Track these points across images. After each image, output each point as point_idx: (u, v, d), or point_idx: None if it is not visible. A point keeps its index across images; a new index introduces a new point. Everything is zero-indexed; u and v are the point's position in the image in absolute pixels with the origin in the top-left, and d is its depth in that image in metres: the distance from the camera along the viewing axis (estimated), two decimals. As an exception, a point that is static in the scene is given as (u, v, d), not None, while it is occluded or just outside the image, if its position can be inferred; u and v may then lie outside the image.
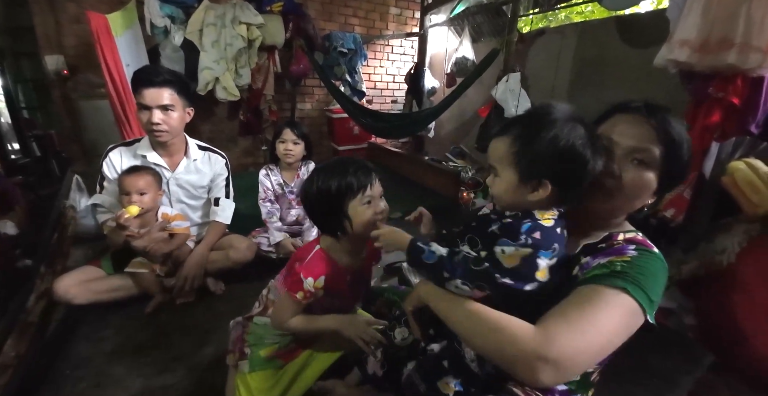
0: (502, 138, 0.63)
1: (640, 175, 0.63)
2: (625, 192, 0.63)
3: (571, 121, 0.59)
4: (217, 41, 2.72)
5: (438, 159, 3.44)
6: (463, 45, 3.14)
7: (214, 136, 3.43)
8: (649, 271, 0.58)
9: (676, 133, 0.62)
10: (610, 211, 0.68)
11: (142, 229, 1.37)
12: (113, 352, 1.24)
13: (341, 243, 0.92)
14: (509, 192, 0.63)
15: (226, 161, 1.64)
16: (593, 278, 0.59)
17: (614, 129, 0.66)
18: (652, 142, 0.62)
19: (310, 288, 0.87)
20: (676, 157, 0.62)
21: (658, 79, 1.85)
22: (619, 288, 0.55)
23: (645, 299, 0.55)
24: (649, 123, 0.63)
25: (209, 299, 1.49)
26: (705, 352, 1.29)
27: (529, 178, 0.60)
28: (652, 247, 0.64)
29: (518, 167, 0.61)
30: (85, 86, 2.83)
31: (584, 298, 0.56)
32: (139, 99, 1.34)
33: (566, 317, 0.55)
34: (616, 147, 0.64)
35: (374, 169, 0.92)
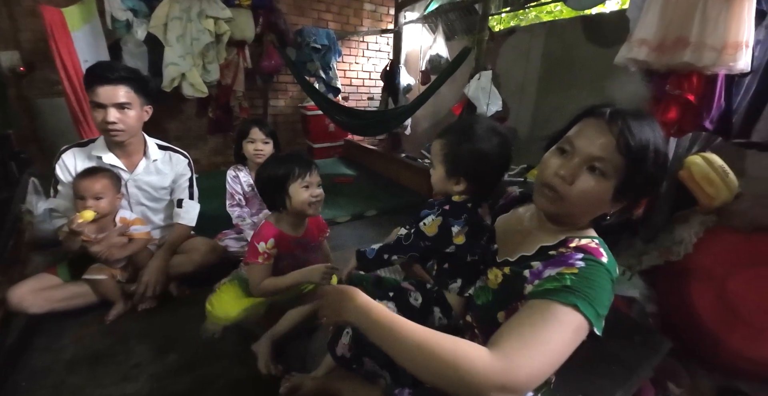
0: (439, 140, 0.82)
1: (592, 184, 0.61)
2: (572, 199, 0.62)
3: (489, 133, 0.78)
4: (182, 36, 2.61)
5: (413, 156, 3.44)
6: (437, 43, 3.15)
7: (182, 134, 3.31)
8: (597, 283, 0.58)
9: (638, 144, 0.58)
10: (563, 218, 0.67)
11: (100, 235, 1.30)
12: (72, 362, 1.18)
13: (285, 217, 1.21)
14: (439, 182, 0.83)
15: (189, 161, 1.58)
16: (545, 292, 0.58)
17: (579, 134, 0.64)
18: (611, 152, 0.59)
19: (265, 250, 1.14)
20: (637, 169, 0.59)
21: (622, 77, 1.91)
22: (570, 305, 0.55)
23: (593, 314, 0.55)
24: (610, 130, 0.60)
25: (173, 304, 1.44)
26: (664, 339, 1.34)
27: (452, 174, 0.80)
28: (601, 256, 0.62)
29: (445, 165, 0.80)
30: (42, 84, 2.68)
31: (538, 318, 0.55)
32: (93, 97, 1.27)
33: (524, 341, 0.53)
34: (575, 153, 0.62)
35: (315, 163, 1.21)
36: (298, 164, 1.15)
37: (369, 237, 2.14)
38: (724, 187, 1.49)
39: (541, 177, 0.67)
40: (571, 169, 0.61)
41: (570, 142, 0.64)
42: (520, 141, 2.76)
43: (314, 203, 1.19)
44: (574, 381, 1.08)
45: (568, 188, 0.62)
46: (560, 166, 0.63)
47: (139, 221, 1.42)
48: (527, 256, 0.69)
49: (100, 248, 1.28)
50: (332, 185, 2.95)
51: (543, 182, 0.65)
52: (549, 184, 0.64)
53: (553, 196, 0.64)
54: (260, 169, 1.20)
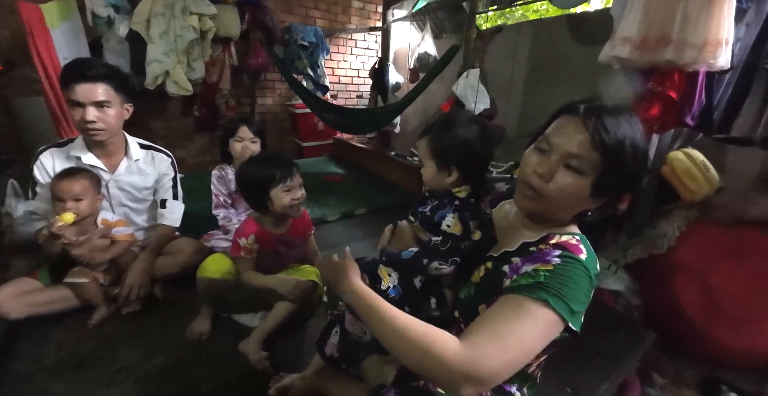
0: (423, 138, 0.84)
1: (569, 181, 0.61)
2: (550, 196, 0.62)
3: (468, 123, 0.81)
4: (166, 32, 2.55)
5: (403, 154, 3.44)
6: (425, 41, 3.15)
7: (167, 133, 3.25)
8: (572, 280, 0.58)
9: (613, 140, 0.57)
10: (542, 215, 0.67)
11: (81, 237, 1.27)
12: (55, 368, 1.15)
13: (267, 217, 1.26)
14: (433, 178, 0.83)
15: (172, 160, 1.55)
16: (519, 288, 0.59)
17: (555, 131, 0.64)
18: (587, 149, 0.59)
19: (246, 245, 1.21)
20: (613, 166, 0.58)
21: (607, 74, 1.94)
22: (541, 300, 0.55)
23: (566, 310, 0.56)
24: (585, 127, 0.59)
25: (158, 307, 1.41)
26: (648, 331, 1.37)
27: (443, 166, 0.81)
28: (579, 253, 0.62)
29: (434, 159, 0.82)
30: (21, 83, 2.61)
31: (509, 312, 0.57)
32: (71, 95, 1.23)
33: (493, 334, 0.55)
34: (553, 150, 0.63)
35: (296, 165, 1.24)
36: (280, 168, 1.18)
37: (359, 235, 2.13)
38: (706, 181, 1.52)
39: (521, 175, 0.67)
40: (548, 166, 0.62)
41: (547, 140, 0.64)
42: (508, 138, 2.78)
43: (296, 205, 1.22)
44: (560, 375, 1.10)
45: (546, 186, 0.62)
46: (538, 163, 0.63)
47: (122, 223, 1.39)
48: (510, 252, 0.69)
49: (81, 251, 1.25)
50: (322, 184, 2.93)
51: (522, 180, 0.66)
52: (528, 182, 0.64)
53: (531, 194, 0.64)
54: (241, 170, 1.22)
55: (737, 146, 1.50)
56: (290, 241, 1.33)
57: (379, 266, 0.83)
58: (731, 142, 1.47)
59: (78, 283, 1.28)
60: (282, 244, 1.31)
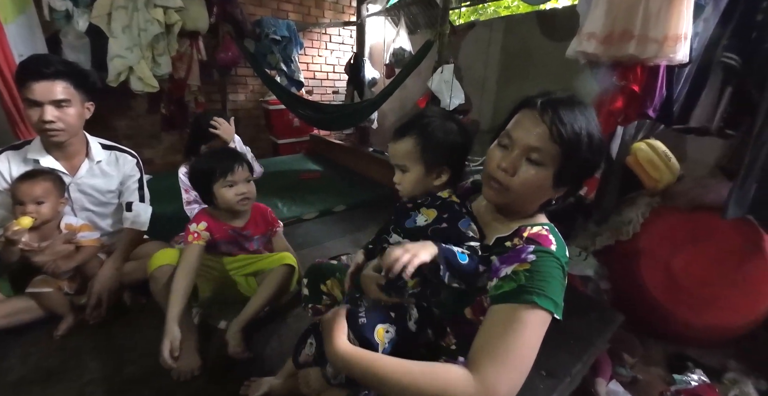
0: (404, 140, 0.76)
1: (532, 173, 0.63)
2: (515, 189, 0.64)
3: (445, 117, 0.77)
4: (128, 26, 2.42)
5: (381, 150, 3.44)
6: (400, 36, 3.14)
7: (133, 132, 3.11)
8: (549, 275, 0.60)
9: (570, 132, 0.60)
10: (511, 207, 0.70)
11: (43, 243, 1.20)
12: (19, 383, 1.09)
13: (219, 210, 1.25)
14: (419, 183, 0.76)
15: (138, 161, 1.48)
16: (504, 296, 0.60)
17: (515, 126, 0.66)
18: (545, 141, 0.61)
19: (196, 230, 1.19)
20: (572, 156, 0.61)
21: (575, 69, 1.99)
22: (530, 303, 0.58)
23: (551, 304, 0.58)
24: (543, 120, 0.61)
25: (127, 315, 1.35)
26: (617, 313, 1.44)
27: (433, 167, 0.75)
28: (550, 244, 0.64)
29: (424, 160, 0.74)
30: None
31: (503, 327, 0.58)
32: (27, 94, 1.16)
33: (496, 356, 0.56)
34: (514, 145, 0.64)
35: (244, 158, 1.22)
36: (220, 163, 1.17)
37: (337, 233, 2.12)
38: (667, 170, 1.60)
39: (487, 170, 0.69)
40: (511, 161, 0.64)
41: (508, 135, 0.66)
42: (482, 133, 2.83)
43: (241, 200, 1.20)
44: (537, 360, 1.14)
45: (510, 179, 0.64)
46: (501, 158, 0.65)
47: (87, 227, 1.32)
48: (488, 247, 0.71)
49: (44, 258, 1.19)
50: (299, 182, 2.89)
51: (488, 175, 0.68)
52: (493, 177, 0.66)
53: (498, 187, 0.66)
54: (190, 164, 1.23)
55: (696, 136, 1.59)
56: (249, 236, 1.33)
57: (374, 329, 0.69)
58: (690, 132, 1.55)
59: (42, 292, 1.21)
60: (240, 237, 1.31)
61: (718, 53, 1.38)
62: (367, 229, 2.14)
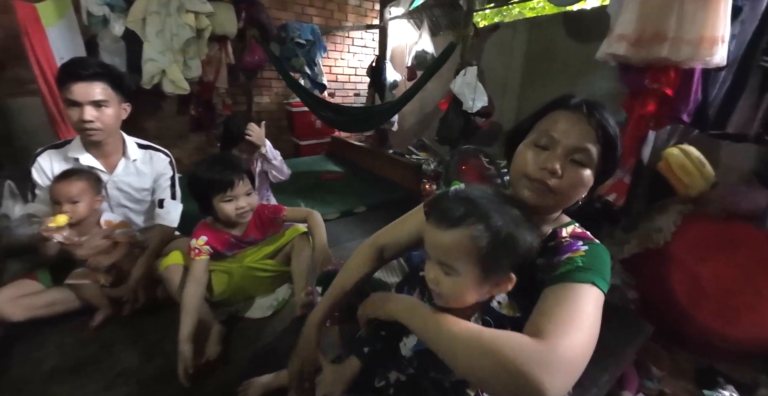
0: (456, 233, 0.57)
1: (579, 174, 0.64)
2: (563, 191, 0.64)
3: (509, 204, 0.61)
4: (161, 31, 2.53)
5: (401, 152, 3.45)
6: (423, 38, 3.14)
7: (162, 133, 3.22)
8: (601, 260, 0.63)
9: (612, 132, 0.63)
10: (550, 209, 0.69)
11: (82, 238, 1.26)
12: (53, 371, 1.14)
13: (219, 221, 1.24)
14: (472, 291, 0.60)
15: (171, 159, 1.54)
16: (561, 276, 0.60)
17: (554, 126, 0.65)
18: (591, 142, 0.63)
19: (197, 246, 1.20)
20: (612, 156, 0.65)
21: (601, 72, 1.95)
22: (588, 282, 0.58)
23: (605, 286, 0.60)
24: (588, 122, 0.63)
25: (158, 308, 1.40)
26: (646, 324, 1.39)
27: (494, 274, 0.59)
28: (593, 238, 0.68)
29: (482, 264, 0.57)
30: (13, 83, 2.56)
31: (563, 299, 0.57)
32: (68, 95, 1.23)
33: (558, 320, 0.54)
34: (557, 145, 0.64)
35: (243, 169, 1.17)
36: (220, 176, 1.12)
37: (358, 233, 2.13)
38: (701, 176, 1.54)
39: (523, 170, 0.66)
40: (557, 162, 0.63)
41: (548, 135, 0.65)
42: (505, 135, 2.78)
43: (241, 214, 1.19)
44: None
45: (558, 181, 0.63)
46: (545, 159, 0.64)
47: (124, 224, 1.38)
48: None
49: (84, 252, 1.25)
50: (320, 182, 2.93)
51: (530, 177, 0.65)
52: (536, 178, 0.64)
53: (542, 189, 0.64)
54: (191, 170, 1.20)
55: (732, 142, 1.52)
56: (253, 241, 1.34)
57: None
58: (726, 138, 1.49)
59: (80, 284, 1.28)
60: (245, 244, 1.32)
61: (758, 56, 1.32)
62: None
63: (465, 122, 2.37)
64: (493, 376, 0.50)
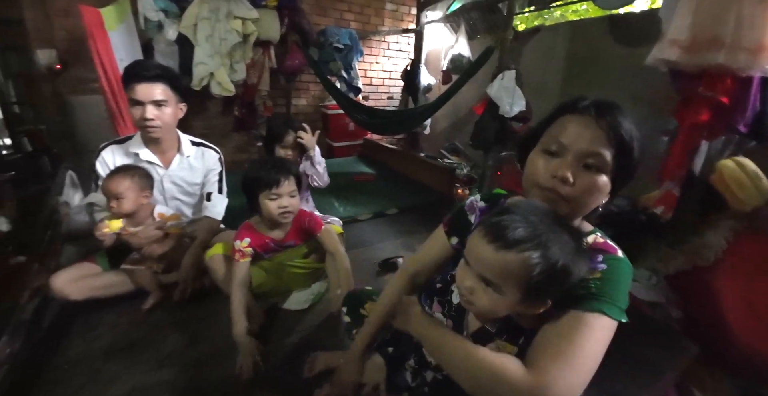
0: (510, 255, 0.55)
1: (593, 179, 0.60)
2: (578, 198, 0.61)
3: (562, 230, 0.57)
4: (211, 36, 2.68)
5: (433, 155, 3.45)
6: (459, 42, 3.14)
7: (207, 131, 3.40)
8: (620, 282, 0.60)
9: (627, 135, 0.59)
10: (567, 217, 0.65)
11: (137, 227, 1.36)
12: (107, 349, 1.23)
13: (263, 220, 1.29)
14: (505, 309, 0.60)
15: (220, 156, 1.63)
16: (571, 302, 0.59)
17: (563, 131, 0.62)
18: (603, 146, 0.59)
19: (239, 247, 1.26)
20: (628, 159, 0.61)
21: (647, 77, 1.87)
22: (596, 311, 0.57)
23: (617, 312, 0.58)
24: (598, 125, 0.59)
25: (204, 296, 1.48)
26: (690, 344, 1.32)
27: (535, 299, 0.58)
28: (615, 251, 0.63)
29: (528, 289, 0.56)
30: (75, 81, 2.79)
31: (570, 330, 0.57)
32: (131, 94, 1.32)
33: (556, 356, 0.55)
34: (567, 151, 0.61)
35: (291, 171, 1.24)
36: (268, 175, 1.19)
37: (390, 235, 2.16)
38: (756, 191, 1.45)
39: (534, 179, 0.64)
40: (568, 168, 0.60)
41: (557, 142, 0.62)
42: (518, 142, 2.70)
43: (283, 214, 1.23)
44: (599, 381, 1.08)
45: (570, 189, 0.61)
46: (556, 167, 0.62)
47: (176, 217, 1.47)
48: None
49: (138, 241, 1.35)
50: (353, 183, 2.99)
51: (541, 186, 0.63)
52: (547, 187, 0.62)
53: (555, 197, 0.62)
54: (245, 171, 1.27)
55: (794, 155, 1.42)
56: (292, 246, 1.39)
57: None
58: (788, 150, 1.39)
59: (134, 269, 1.38)
60: (283, 249, 1.37)
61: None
62: (418, 234, 2.16)
63: (501, 127, 2.34)
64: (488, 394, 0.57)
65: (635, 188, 1.69)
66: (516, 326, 0.64)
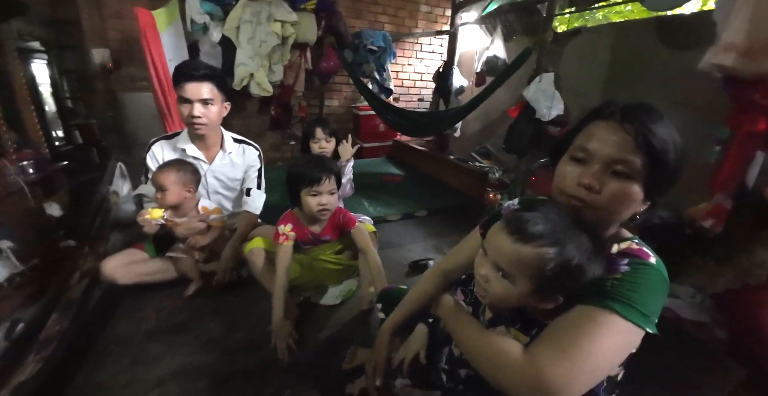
0: (526, 249, 0.57)
1: (621, 187, 0.58)
2: (606, 206, 0.59)
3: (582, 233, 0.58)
4: (252, 38, 2.79)
5: (463, 158, 3.42)
6: (495, 44, 3.10)
7: (244, 130, 3.48)
8: (643, 286, 0.56)
9: (658, 140, 0.56)
10: (597, 226, 0.63)
11: (181, 219, 1.44)
12: (152, 332, 1.30)
13: (304, 214, 1.34)
14: (516, 300, 0.62)
15: (260, 153, 1.69)
16: (582, 297, 0.58)
17: (590, 138, 0.61)
18: (631, 152, 0.57)
19: (284, 232, 1.32)
20: (661, 166, 0.57)
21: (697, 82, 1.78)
22: (608, 309, 0.54)
23: (638, 316, 0.54)
24: (625, 130, 0.57)
25: (242, 286, 1.55)
26: (738, 367, 1.25)
27: (547, 292, 0.59)
28: (648, 257, 0.60)
29: (539, 283, 0.58)
30: (126, 79, 2.98)
31: (573, 322, 0.56)
32: (181, 93, 1.39)
33: (554, 344, 0.55)
34: (593, 158, 0.60)
35: (333, 171, 1.28)
36: (311, 173, 1.24)
37: (419, 236, 2.17)
38: (819, 207, 1.35)
39: (562, 187, 0.63)
40: (594, 176, 0.59)
41: (583, 149, 0.61)
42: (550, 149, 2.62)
43: (321, 211, 1.28)
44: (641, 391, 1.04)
45: (596, 197, 0.59)
46: (581, 175, 0.60)
47: (218, 211, 1.54)
48: None
49: (182, 231, 1.43)
50: (381, 183, 3.01)
51: (567, 193, 0.62)
52: (574, 195, 0.61)
53: (581, 205, 0.61)
54: (289, 167, 1.34)
55: None
56: (328, 241, 1.44)
57: None
58: None
59: (178, 257, 1.47)
60: (317, 242, 1.43)
61: None
62: (447, 237, 2.16)
63: (536, 131, 2.29)
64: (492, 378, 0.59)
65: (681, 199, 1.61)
66: (530, 318, 0.65)
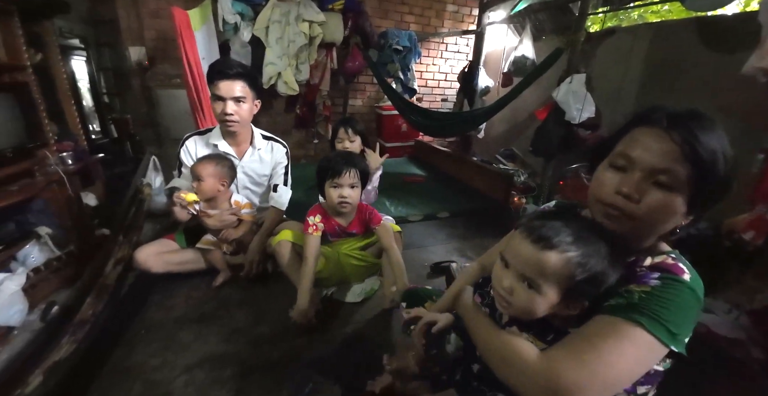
0: (554, 255, 0.57)
1: (662, 199, 0.55)
2: (644, 217, 0.56)
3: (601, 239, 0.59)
4: (281, 38, 2.85)
5: (487, 160, 3.37)
6: (523, 43, 3.04)
7: (270, 128, 3.53)
8: (672, 302, 0.53)
9: (706, 151, 0.52)
10: (633, 236, 0.61)
11: (213, 211, 1.49)
12: (181, 319, 1.35)
13: (329, 207, 1.38)
14: (543, 309, 0.60)
15: (287, 150, 1.72)
16: (609, 309, 0.56)
17: (633, 145, 0.58)
18: (677, 162, 0.53)
19: (314, 222, 1.36)
20: (709, 178, 0.53)
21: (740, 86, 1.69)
22: (634, 321, 0.52)
23: (664, 332, 0.52)
24: (671, 138, 0.54)
25: (267, 279, 1.59)
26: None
27: (573, 300, 0.59)
28: (682, 273, 0.56)
29: (567, 290, 0.58)
30: (161, 76, 3.09)
31: (596, 332, 0.55)
32: (214, 90, 1.43)
33: (574, 350, 0.54)
34: (634, 166, 0.57)
35: (357, 165, 1.31)
36: (334, 165, 1.29)
37: (441, 238, 2.15)
38: None
39: (599, 195, 0.61)
40: (634, 185, 0.56)
41: (625, 156, 0.58)
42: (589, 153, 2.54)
43: (341, 203, 1.31)
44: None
45: (635, 207, 0.56)
46: (621, 183, 0.58)
47: (248, 205, 1.59)
48: None
49: (213, 223, 1.47)
50: (403, 184, 3.01)
51: (604, 201, 0.60)
52: (611, 204, 0.59)
53: (618, 215, 0.58)
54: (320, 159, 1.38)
55: None
56: (353, 235, 1.47)
57: None
58: None
59: (208, 249, 1.52)
60: (345, 235, 1.47)
61: None
62: (470, 240, 2.13)
63: (566, 134, 2.23)
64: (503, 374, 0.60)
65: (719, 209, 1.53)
66: (546, 324, 0.63)
